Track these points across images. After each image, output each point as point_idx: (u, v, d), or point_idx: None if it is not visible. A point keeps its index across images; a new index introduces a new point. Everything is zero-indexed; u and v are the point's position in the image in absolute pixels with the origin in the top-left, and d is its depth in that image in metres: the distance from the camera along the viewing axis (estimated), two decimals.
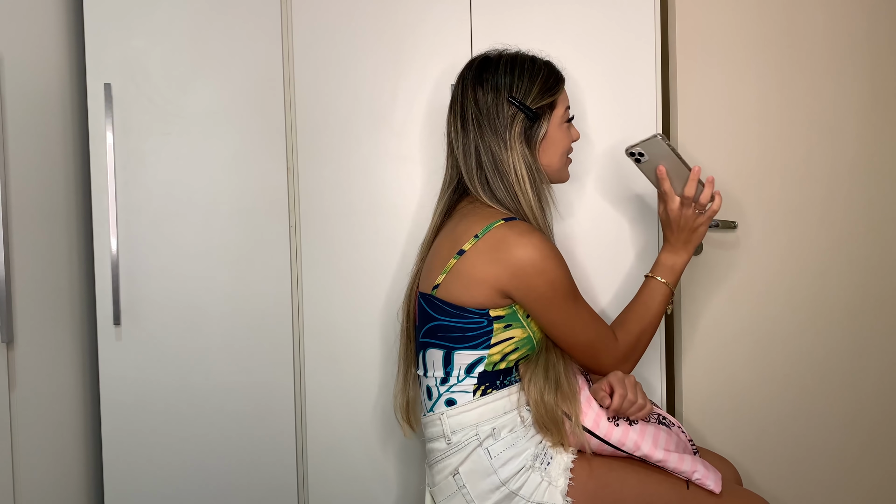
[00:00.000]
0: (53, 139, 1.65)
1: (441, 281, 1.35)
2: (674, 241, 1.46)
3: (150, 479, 1.68)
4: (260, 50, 1.67)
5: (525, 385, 1.37)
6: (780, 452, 1.83)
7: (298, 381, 1.72)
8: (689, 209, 1.41)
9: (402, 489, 1.73)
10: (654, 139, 1.38)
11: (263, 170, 1.68)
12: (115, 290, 1.63)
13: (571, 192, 1.69)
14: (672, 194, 1.41)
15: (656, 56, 1.69)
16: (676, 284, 1.46)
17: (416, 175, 1.69)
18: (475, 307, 1.32)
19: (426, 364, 1.40)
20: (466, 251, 1.32)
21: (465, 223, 1.36)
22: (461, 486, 1.33)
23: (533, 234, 1.31)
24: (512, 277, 1.30)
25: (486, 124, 1.36)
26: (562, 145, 1.41)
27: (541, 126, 1.37)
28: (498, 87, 1.36)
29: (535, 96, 1.36)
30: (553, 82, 1.39)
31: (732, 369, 1.80)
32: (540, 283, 1.30)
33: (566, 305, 1.33)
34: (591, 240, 1.71)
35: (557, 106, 1.40)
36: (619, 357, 1.40)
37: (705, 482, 1.34)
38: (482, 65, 1.40)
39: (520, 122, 1.36)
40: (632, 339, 1.41)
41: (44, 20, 1.63)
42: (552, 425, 1.34)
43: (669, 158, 1.40)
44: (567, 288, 1.33)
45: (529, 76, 1.37)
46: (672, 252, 1.46)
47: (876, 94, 1.80)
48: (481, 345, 1.34)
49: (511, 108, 1.36)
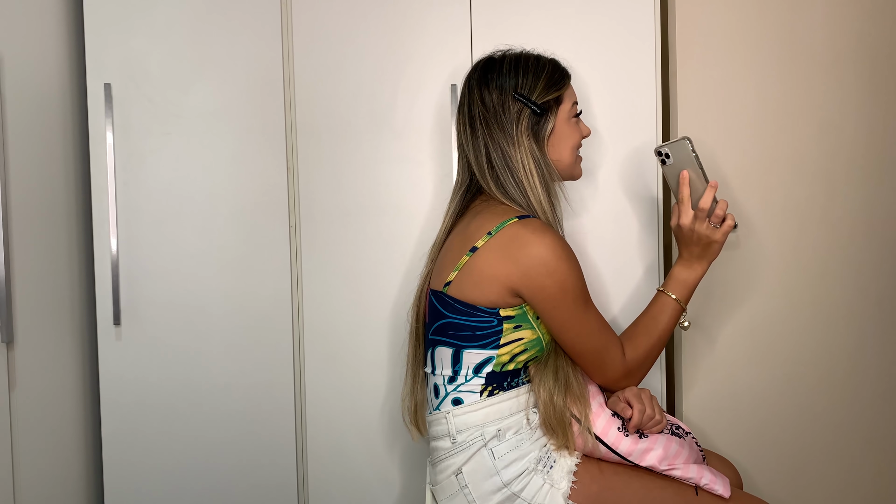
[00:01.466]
0: (53, 139, 1.65)
1: (453, 278, 1.34)
2: (687, 256, 1.42)
3: (150, 479, 1.69)
4: (260, 50, 1.67)
5: (535, 386, 1.36)
6: (780, 452, 1.83)
7: (298, 381, 1.72)
8: (703, 223, 1.38)
9: (403, 489, 1.73)
10: (681, 141, 1.36)
11: (263, 170, 1.68)
12: (115, 291, 1.63)
13: (583, 189, 1.69)
14: (688, 203, 1.38)
15: (656, 56, 1.69)
16: (688, 300, 1.42)
17: (416, 175, 1.69)
18: (486, 306, 1.32)
19: (434, 362, 1.39)
20: (479, 248, 1.32)
21: (478, 220, 1.36)
22: (463, 486, 1.33)
23: (546, 233, 1.30)
24: (522, 276, 1.29)
25: (494, 122, 1.36)
26: (571, 140, 1.41)
27: (548, 121, 1.38)
28: (503, 86, 1.37)
29: (540, 91, 1.37)
30: (558, 77, 1.40)
31: (732, 369, 1.80)
32: (550, 283, 1.29)
33: (575, 309, 1.32)
34: (596, 238, 1.71)
35: (564, 101, 1.40)
36: (624, 371, 1.38)
37: (714, 487, 1.33)
38: (487, 66, 1.40)
39: (526, 118, 1.36)
40: (639, 355, 1.39)
41: (44, 20, 1.63)
42: (559, 427, 1.33)
43: (692, 166, 1.37)
44: (578, 291, 1.32)
45: (534, 72, 1.38)
46: (685, 266, 1.42)
47: (876, 94, 1.80)
48: (490, 344, 1.33)
49: (517, 105, 1.36)
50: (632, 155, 1.70)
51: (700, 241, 1.39)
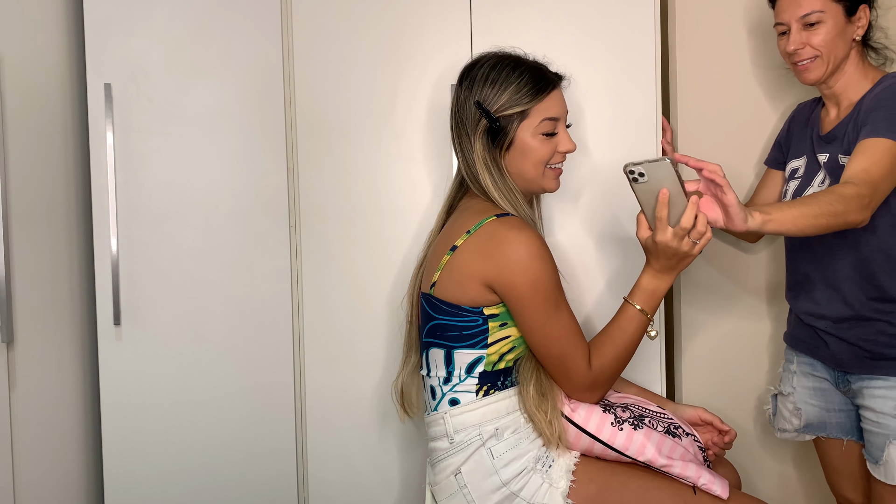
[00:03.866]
0: (53, 139, 1.65)
1: (437, 279, 1.35)
2: (658, 267, 1.33)
3: (150, 479, 1.69)
4: (260, 50, 1.67)
5: (518, 386, 1.37)
6: (780, 452, 1.83)
7: (298, 381, 1.72)
8: (682, 240, 1.27)
9: (403, 489, 1.73)
10: (662, 162, 1.25)
11: (263, 170, 1.68)
12: (115, 290, 1.63)
13: (584, 189, 1.69)
14: (666, 222, 1.26)
15: (656, 56, 1.69)
16: (655, 311, 1.36)
17: (416, 175, 1.69)
18: (469, 305, 1.32)
19: (429, 364, 1.40)
20: (459, 247, 1.33)
21: (461, 220, 1.37)
22: (462, 485, 1.33)
23: (523, 231, 1.30)
24: (496, 272, 1.29)
25: (463, 124, 1.39)
26: (535, 155, 1.38)
27: (506, 134, 1.37)
28: (472, 90, 1.38)
29: (502, 104, 1.36)
30: (531, 91, 1.36)
31: (732, 369, 1.80)
32: (522, 281, 1.28)
33: (545, 310, 1.30)
34: (597, 239, 1.71)
35: (531, 115, 1.37)
36: (589, 381, 1.34)
37: (711, 487, 1.33)
38: (466, 68, 1.42)
39: (482, 127, 1.37)
40: (605, 365, 1.35)
41: (44, 20, 1.63)
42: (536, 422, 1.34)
43: (673, 184, 1.26)
44: (549, 293, 1.30)
45: (502, 83, 1.36)
46: (654, 276, 1.34)
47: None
48: (479, 344, 1.34)
49: (476, 113, 1.37)
50: (632, 155, 1.70)
51: (676, 255, 1.29)
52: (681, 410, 1.52)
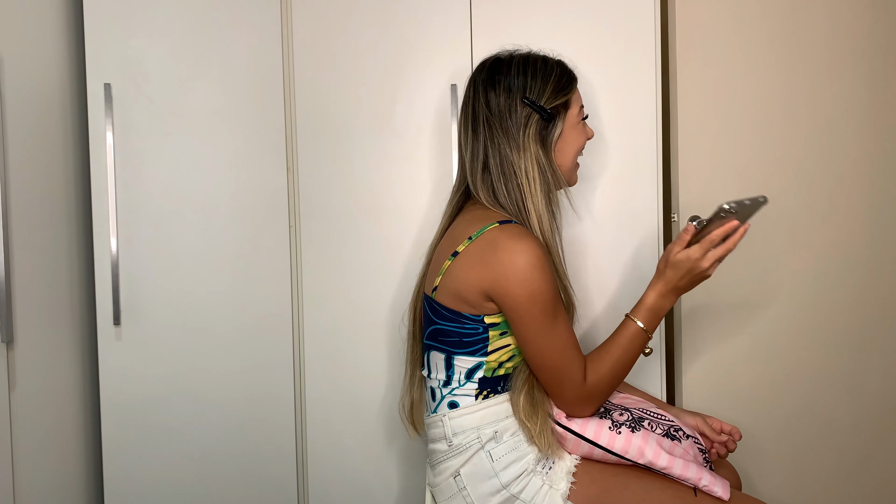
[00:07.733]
0: (53, 139, 1.65)
1: (438, 283, 1.34)
2: (671, 286, 1.33)
3: (150, 479, 1.69)
4: (260, 50, 1.67)
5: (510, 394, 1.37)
6: (780, 453, 1.83)
7: (298, 381, 1.72)
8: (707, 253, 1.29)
9: (403, 489, 1.73)
10: (763, 201, 1.25)
11: (263, 170, 1.68)
12: (115, 290, 1.63)
13: (584, 190, 1.69)
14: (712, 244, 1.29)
15: (656, 56, 1.69)
16: (655, 329, 1.36)
17: (416, 175, 1.69)
18: (469, 312, 1.32)
19: (430, 366, 1.40)
20: (460, 253, 1.31)
21: (463, 225, 1.35)
22: (462, 487, 1.33)
23: (523, 240, 1.27)
24: (493, 281, 1.27)
25: (498, 126, 1.33)
26: (576, 144, 1.39)
27: (556, 126, 1.35)
28: (511, 88, 1.33)
29: (549, 96, 1.34)
30: (566, 81, 1.37)
31: (732, 369, 1.80)
32: (519, 291, 1.26)
33: (542, 322, 1.28)
34: (597, 240, 1.71)
35: (572, 105, 1.37)
36: (583, 396, 1.33)
37: (712, 489, 1.33)
38: (494, 66, 1.37)
39: (535, 123, 1.33)
40: (601, 380, 1.33)
41: (44, 20, 1.63)
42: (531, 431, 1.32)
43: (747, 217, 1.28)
44: (546, 304, 1.28)
45: (543, 76, 1.34)
46: (661, 295, 1.33)
47: (877, 94, 1.80)
48: (479, 351, 1.33)
49: (525, 109, 1.33)
50: (632, 155, 1.70)
51: (699, 276, 1.31)
52: (682, 416, 1.51)
